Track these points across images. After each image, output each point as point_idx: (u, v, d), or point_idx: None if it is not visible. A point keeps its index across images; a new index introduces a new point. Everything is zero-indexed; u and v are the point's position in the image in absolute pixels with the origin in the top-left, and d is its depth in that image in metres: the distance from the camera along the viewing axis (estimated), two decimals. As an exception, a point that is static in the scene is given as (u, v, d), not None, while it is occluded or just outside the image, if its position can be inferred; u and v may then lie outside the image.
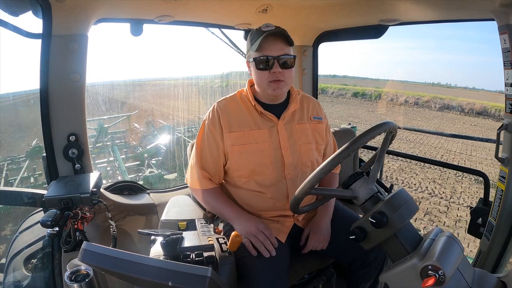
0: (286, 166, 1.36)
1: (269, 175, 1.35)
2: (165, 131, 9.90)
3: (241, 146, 1.35)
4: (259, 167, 1.35)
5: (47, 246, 1.53)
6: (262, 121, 1.38)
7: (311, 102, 1.51)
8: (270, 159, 1.35)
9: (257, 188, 1.36)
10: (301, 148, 1.39)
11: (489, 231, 1.56)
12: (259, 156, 1.34)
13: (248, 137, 1.35)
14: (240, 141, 1.35)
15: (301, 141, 1.40)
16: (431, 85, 43.67)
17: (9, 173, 7.47)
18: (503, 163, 1.48)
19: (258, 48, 1.27)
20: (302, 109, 1.46)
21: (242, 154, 1.35)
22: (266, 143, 1.35)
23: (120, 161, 8.22)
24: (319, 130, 1.47)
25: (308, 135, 1.42)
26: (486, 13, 1.42)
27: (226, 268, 1.09)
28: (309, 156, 1.40)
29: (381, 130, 1.02)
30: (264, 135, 1.36)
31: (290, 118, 1.42)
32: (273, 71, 1.28)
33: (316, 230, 1.40)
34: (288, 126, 1.40)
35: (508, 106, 1.43)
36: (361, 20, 1.94)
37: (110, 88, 12.23)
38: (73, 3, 1.33)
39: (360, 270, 1.38)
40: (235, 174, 1.38)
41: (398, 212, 0.90)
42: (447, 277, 0.78)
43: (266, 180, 1.35)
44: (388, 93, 29.38)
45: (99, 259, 0.77)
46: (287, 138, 1.38)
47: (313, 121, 1.46)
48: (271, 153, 1.35)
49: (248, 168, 1.35)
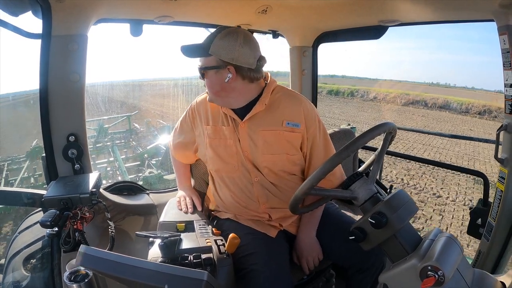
0: (250, 170, 1.36)
1: (234, 173, 1.38)
2: (165, 131, 9.88)
3: (212, 139, 1.41)
4: (225, 164, 1.39)
5: (46, 246, 1.53)
6: (228, 120, 1.39)
7: (293, 104, 1.35)
8: (235, 158, 1.37)
9: (229, 187, 1.41)
10: (264, 157, 1.34)
11: (488, 232, 1.56)
12: (225, 152, 1.38)
13: (219, 132, 1.39)
14: (213, 134, 1.41)
15: (265, 150, 1.33)
16: (408, 82, 45.85)
17: (9, 173, 7.46)
18: (503, 163, 1.48)
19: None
20: (274, 112, 1.34)
21: (211, 147, 1.41)
22: (232, 140, 1.37)
23: (120, 161, 8.21)
24: (291, 139, 1.34)
25: (272, 145, 1.33)
26: (485, 14, 1.42)
27: (224, 270, 1.09)
28: (277, 166, 1.35)
29: (380, 131, 1.03)
30: (231, 132, 1.37)
31: (255, 122, 1.34)
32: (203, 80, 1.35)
33: (302, 249, 1.40)
34: (251, 130, 1.34)
35: (508, 106, 1.43)
36: (360, 20, 1.93)
37: (109, 89, 12.25)
38: (73, 4, 1.33)
39: (360, 274, 1.37)
40: (209, 167, 1.49)
41: (398, 212, 0.90)
42: (446, 277, 0.78)
43: (233, 179, 1.39)
44: (359, 90, 30.85)
45: (97, 263, 0.78)
46: (248, 145, 1.35)
47: (284, 128, 1.33)
48: (236, 152, 1.37)
49: (216, 162, 1.41)
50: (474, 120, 20.10)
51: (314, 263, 1.39)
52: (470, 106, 22.75)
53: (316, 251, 1.39)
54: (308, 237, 1.40)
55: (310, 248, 1.39)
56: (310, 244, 1.39)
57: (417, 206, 1.01)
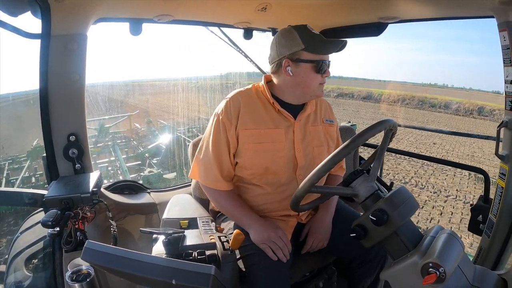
0: (298, 167, 1.35)
1: (282, 175, 1.34)
2: (165, 131, 9.90)
3: (256, 144, 1.32)
4: (273, 166, 1.33)
5: (48, 246, 1.53)
6: (279, 120, 1.36)
7: (324, 104, 1.52)
8: (284, 160, 1.33)
9: (268, 188, 1.35)
10: (314, 150, 1.39)
11: (489, 228, 1.56)
12: (274, 156, 1.32)
13: (265, 136, 1.33)
14: (256, 139, 1.32)
15: (314, 143, 1.40)
16: (384, 82, 49.03)
17: (11, 173, 7.48)
18: (503, 160, 1.48)
19: (324, 53, 1.29)
20: (316, 111, 1.47)
21: (257, 153, 1.32)
22: (282, 143, 1.34)
23: (121, 160, 8.24)
24: (330, 132, 1.48)
25: (320, 138, 1.43)
26: (485, 10, 1.42)
27: (228, 266, 1.09)
28: (321, 158, 1.34)
29: (381, 128, 1.03)
30: (280, 135, 1.34)
31: (305, 120, 1.41)
32: (325, 75, 1.32)
33: (315, 229, 1.40)
34: (303, 127, 1.39)
35: (508, 103, 1.43)
36: (360, 18, 1.93)
37: (109, 88, 12.23)
38: (72, 3, 1.32)
39: (361, 267, 1.38)
40: (247, 173, 1.35)
41: (399, 209, 0.90)
42: (447, 274, 0.78)
43: (278, 180, 1.34)
44: (325, 88, 32.23)
45: (102, 258, 0.77)
46: (301, 140, 1.37)
47: (325, 124, 1.47)
48: (285, 154, 1.34)
49: (262, 167, 1.32)
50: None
51: (318, 246, 1.39)
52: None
53: (325, 235, 1.40)
54: (327, 220, 1.42)
55: (323, 230, 1.40)
56: (324, 227, 1.40)
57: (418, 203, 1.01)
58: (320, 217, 1.43)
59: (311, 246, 1.38)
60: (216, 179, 1.34)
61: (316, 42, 1.27)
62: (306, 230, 1.41)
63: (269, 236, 1.25)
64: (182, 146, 7.85)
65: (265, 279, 1.19)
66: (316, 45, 1.27)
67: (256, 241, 1.26)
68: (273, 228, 1.28)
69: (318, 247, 1.39)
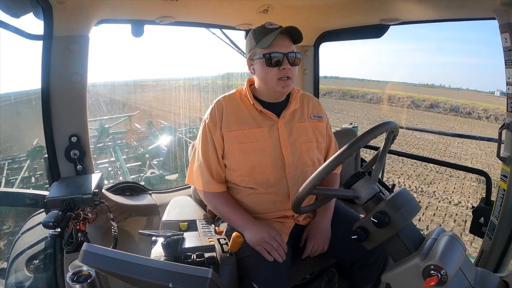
0: (286, 165, 1.35)
1: (269, 174, 1.34)
2: (166, 132, 9.88)
3: (240, 144, 1.35)
4: (259, 166, 1.34)
5: (49, 247, 1.53)
6: (262, 120, 1.38)
7: (311, 100, 1.51)
8: (270, 158, 1.34)
9: (258, 188, 1.35)
10: (302, 146, 1.39)
11: (491, 231, 1.55)
12: (259, 155, 1.34)
13: (248, 135, 1.35)
14: (240, 139, 1.35)
15: (301, 139, 1.39)
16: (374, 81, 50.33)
17: (10, 173, 7.46)
18: (505, 162, 1.47)
19: (269, 45, 1.26)
20: (302, 108, 1.46)
21: (241, 153, 1.34)
22: (266, 142, 1.35)
23: (121, 161, 8.20)
24: (319, 128, 1.47)
25: (308, 134, 1.42)
26: (487, 12, 1.42)
27: (227, 268, 1.09)
28: (310, 154, 1.40)
29: (382, 129, 1.02)
30: (264, 134, 1.36)
31: (290, 117, 1.41)
32: (283, 67, 1.29)
33: (315, 233, 1.39)
34: (288, 124, 1.40)
35: (510, 105, 1.43)
36: (362, 19, 1.93)
37: (111, 89, 12.24)
38: (74, 5, 1.33)
39: (362, 270, 1.37)
40: (235, 174, 1.37)
41: (400, 211, 0.90)
42: (449, 276, 0.78)
43: (266, 180, 1.35)
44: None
45: (100, 260, 0.77)
46: (287, 137, 1.38)
47: (313, 120, 1.46)
48: (271, 152, 1.35)
49: (248, 167, 1.34)
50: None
51: (318, 250, 1.38)
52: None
53: (325, 239, 1.39)
54: (325, 223, 1.41)
55: (322, 234, 1.39)
56: (323, 231, 1.39)
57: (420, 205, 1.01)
58: (318, 221, 1.42)
59: (311, 251, 1.38)
60: (208, 181, 1.38)
61: (264, 36, 1.29)
62: (305, 235, 1.41)
63: (262, 237, 1.25)
64: (183, 147, 7.84)
65: (263, 280, 1.18)
66: (264, 39, 1.28)
67: (250, 243, 1.27)
68: (267, 229, 1.28)
69: (318, 251, 1.38)
